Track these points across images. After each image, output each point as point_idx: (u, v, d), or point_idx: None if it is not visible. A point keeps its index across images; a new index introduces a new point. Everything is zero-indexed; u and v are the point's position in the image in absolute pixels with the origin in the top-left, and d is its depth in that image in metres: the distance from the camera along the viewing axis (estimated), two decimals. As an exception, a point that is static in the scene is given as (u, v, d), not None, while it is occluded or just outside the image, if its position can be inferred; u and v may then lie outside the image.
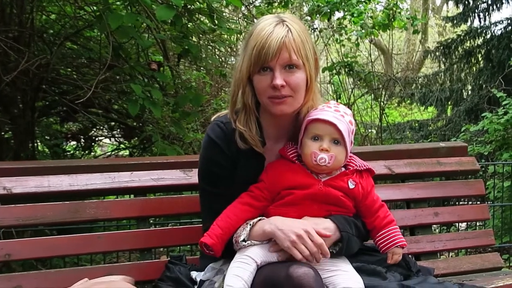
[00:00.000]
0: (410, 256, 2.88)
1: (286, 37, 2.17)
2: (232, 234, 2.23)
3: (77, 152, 7.30)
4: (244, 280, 2.08)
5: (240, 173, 2.33)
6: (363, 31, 8.59)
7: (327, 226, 2.22)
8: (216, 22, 4.40)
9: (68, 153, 7.16)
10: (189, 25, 4.54)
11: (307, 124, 2.25)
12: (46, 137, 6.64)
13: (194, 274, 2.43)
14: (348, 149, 2.24)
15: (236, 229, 2.23)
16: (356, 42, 9.00)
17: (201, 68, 6.22)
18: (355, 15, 8.12)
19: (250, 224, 2.20)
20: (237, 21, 6.10)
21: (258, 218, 2.24)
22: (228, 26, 4.94)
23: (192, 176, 2.74)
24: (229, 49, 7.17)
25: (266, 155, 2.35)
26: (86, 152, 7.34)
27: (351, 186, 2.27)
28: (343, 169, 2.31)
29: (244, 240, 2.18)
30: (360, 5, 8.20)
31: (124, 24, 3.71)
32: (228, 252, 2.23)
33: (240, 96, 2.29)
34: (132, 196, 2.88)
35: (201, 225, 2.46)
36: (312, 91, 2.28)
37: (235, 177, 2.33)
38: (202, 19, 5.07)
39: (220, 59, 6.44)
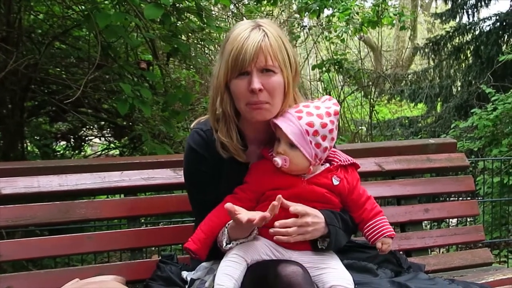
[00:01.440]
0: (401, 252, 2.89)
1: (262, 41, 2.15)
2: (216, 237, 2.22)
3: (67, 152, 7.28)
4: (234, 279, 2.08)
5: (225, 178, 2.32)
6: (350, 27, 8.58)
7: (318, 214, 2.20)
8: (205, 20, 4.39)
9: (58, 153, 7.14)
10: (178, 24, 4.53)
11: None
12: (35, 137, 6.61)
13: (185, 273, 2.42)
14: (304, 152, 2.18)
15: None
16: (342, 38, 8.97)
17: (191, 66, 6.21)
18: (340, 10, 8.12)
19: (226, 226, 2.19)
20: (226, 20, 6.10)
21: None
22: (217, 25, 4.95)
23: (182, 175, 2.73)
24: (218, 48, 7.15)
25: (250, 159, 2.34)
26: (76, 152, 7.31)
27: (335, 182, 2.27)
28: (327, 165, 2.30)
29: (227, 243, 2.18)
30: (347, 1, 8.21)
31: (113, 23, 3.71)
32: (217, 253, 2.22)
33: (218, 103, 2.27)
34: (122, 195, 2.88)
35: (192, 223, 2.46)
36: (289, 96, 2.26)
37: (221, 182, 2.32)
38: (190, 18, 5.07)
39: (210, 58, 6.42)
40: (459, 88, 11.86)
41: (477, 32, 11.52)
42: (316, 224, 2.17)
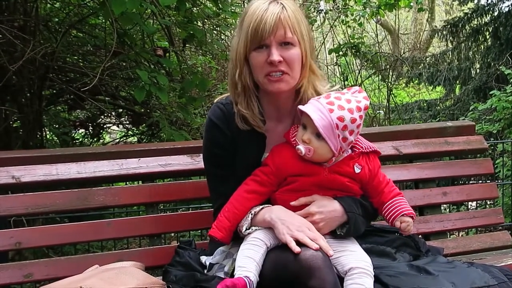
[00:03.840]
0: (420, 236, 2.88)
1: (281, 13, 2.18)
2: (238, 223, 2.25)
3: (86, 139, 7.32)
4: (256, 262, 2.09)
5: (242, 153, 2.35)
6: (367, 10, 8.50)
7: (335, 207, 2.23)
8: (220, 6, 4.38)
9: (76, 141, 7.18)
10: (193, 10, 4.52)
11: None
12: (54, 125, 6.66)
13: (203, 258, 2.44)
14: (331, 145, 2.18)
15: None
16: (359, 22, 8.89)
17: (207, 53, 6.20)
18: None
19: (252, 214, 2.22)
20: (241, 5, 6.08)
21: (261, 206, 2.24)
22: (232, 10, 4.93)
23: (199, 161, 2.74)
24: (234, 34, 7.13)
25: (267, 134, 2.36)
26: (95, 139, 7.36)
27: (357, 170, 2.27)
28: (349, 151, 2.30)
29: (246, 229, 2.20)
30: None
31: (128, 10, 3.70)
32: (234, 236, 2.26)
33: (237, 76, 2.29)
34: (140, 182, 2.89)
35: (210, 209, 2.47)
36: (307, 68, 2.29)
37: (237, 157, 2.35)
38: (206, 4, 5.06)
39: (226, 44, 6.41)
40: (477, 70, 11.71)
41: (495, 13, 11.36)
42: (327, 218, 2.21)
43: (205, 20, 5.25)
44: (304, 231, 2.09)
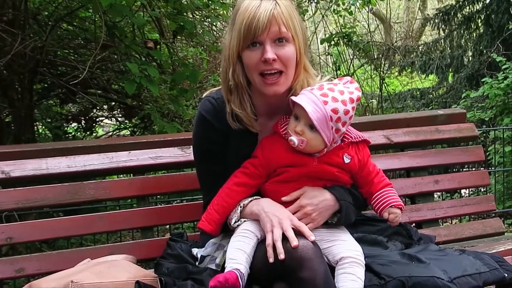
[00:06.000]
0: (413, 225, 2.88)
1: (274, 10, 2.14)
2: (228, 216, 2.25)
3: (79, 133, 7.31)
4: (246, 254, 2.09)
5: (233, 149, 2.33)
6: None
7: (326, 197, 2.23)
8: (210, -4, 4.37)
9: (69, 135, 7.17)
10: (182, 1, 4.51)
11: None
12: (47, 119, 6.64)
13: (195, 250, 2.43)
14: (324, 137, 2.17)
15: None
16: (350, 10, 8.85)
17: (198, 44, 6.18)
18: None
19: (241, 206, 2.22)
20: (231, -4, 6.08)
21: (250, 199, 2.24)
22: (221, 1, 4.91)
23: (190, 153, 2.73)
24: (225, 24, 7.12)
25: (259, 130, 2.34)
26: (88, 133, 7.35)
27: (347, 160, 2.26)
28: (338, 141, 2.29)
29: (235, 222, 2.21)
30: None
31: (117, 2, 3.68)
32: (223, 227, 2.26)
33: (230, 74, 2.25)
34: (131, 175, 2.89)
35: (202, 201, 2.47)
36: (301, 66, 2.26)
37: (228, 153, 2.33)
38: (195, -5, 5.03)
39: (217, 35, 6.40)
40: (470, 58, 11.74)
41: (487, 1, 11.37)
42: (320, 208, 2.21)
43: (195, 12, 5.23)
44: (285, 222, 2.08)
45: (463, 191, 6.61)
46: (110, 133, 8.03)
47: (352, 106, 2.19)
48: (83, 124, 7.28)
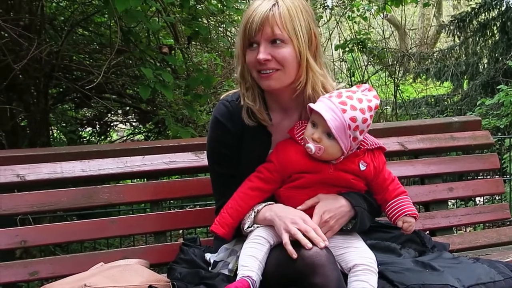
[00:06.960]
0: (427, 232, 2.87)
1: (270, 11, 2.16)
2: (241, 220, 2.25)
3: (93, 138, 7.35)
4: (259, 260, 2.08)
5: (247, 150, 2.34)
6: (373, 6, 8.47)
7: (342, 203, 2.22)
8: (224, 3, 4.37)
9: (84, 139, 7.21)
10: (197, 7, 4.52)
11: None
12: (61, 124, 6.68)
13: (208, 255, 2.44)
14: (342, 145, 2.16)
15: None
16: (364, 16, 8.84)
17: (212, 50, 6.20)
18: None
19: (254, 212, 2.22)
20: (246, 1, 6.07)
21: (264, 204, 2.24)
22: (236, 7, 4.92)
23: (203, 158, 2.74)
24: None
25: (272, 131, 2.36)
26: (102, 137, 7.38)
27: (362, 168, 2.25)
28: (355, 148, 2.28)
29: (249, 227, 2.20)
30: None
31: (132, 7, 3.70)
32: (237, 232, 2.26)
33: (240, 73, 2.31)
34: (144, 180, 2.90)
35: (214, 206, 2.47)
36: (304, 68, 2.24)
37: (242, 155, 2.34)
38: (210, 0, 5.05)
39: (232, 40, 6.41)
40: (485, 65, 11.67)
41: (503, 8, 11.31)
42: (337, 215, 2.20)
43: (210, 17, 5.25)
44: (298, 223, 2.08)
45: (477, 199, 6.56)
46: (125, 138, 8.06)
47: (370, 114, 2.18)
48: (97, 128, 7.30)
